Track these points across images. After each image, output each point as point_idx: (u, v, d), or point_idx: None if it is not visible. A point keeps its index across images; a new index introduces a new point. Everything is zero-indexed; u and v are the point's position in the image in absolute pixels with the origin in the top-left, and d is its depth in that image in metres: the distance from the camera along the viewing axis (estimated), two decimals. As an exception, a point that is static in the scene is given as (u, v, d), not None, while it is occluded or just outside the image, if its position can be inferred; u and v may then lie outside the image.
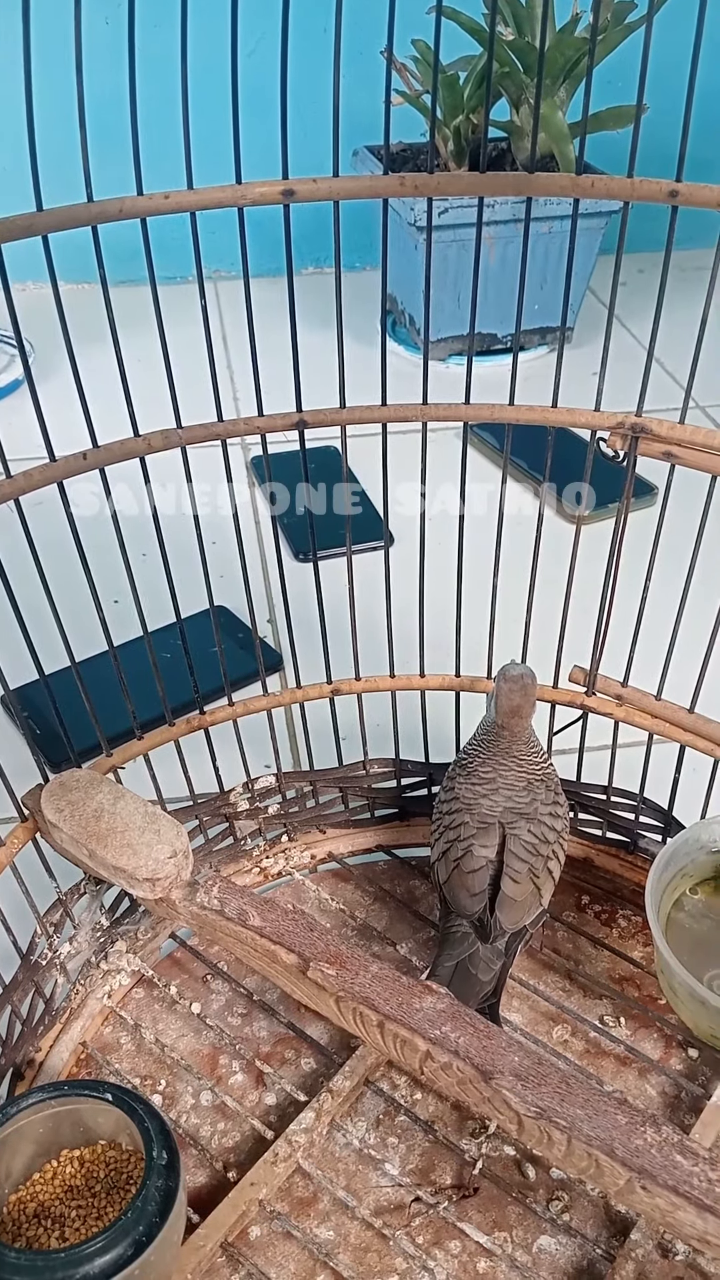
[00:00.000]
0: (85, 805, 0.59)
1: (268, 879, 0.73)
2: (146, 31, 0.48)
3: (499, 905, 0.59)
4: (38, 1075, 0.61)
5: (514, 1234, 0.54)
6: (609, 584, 0.63)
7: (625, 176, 0.52)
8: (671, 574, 0.60)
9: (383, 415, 0.60)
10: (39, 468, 0.54)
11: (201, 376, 0.56)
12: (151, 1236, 0.46)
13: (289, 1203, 0.56)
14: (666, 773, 0.67)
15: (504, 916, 0.59)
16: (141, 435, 0.57)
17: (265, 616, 0.97)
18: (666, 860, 0.63)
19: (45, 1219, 0.50)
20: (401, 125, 1.24)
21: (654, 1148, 0.46)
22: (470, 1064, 0.50)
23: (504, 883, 0.59)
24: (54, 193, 0.48)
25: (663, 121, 0.57)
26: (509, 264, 1.30)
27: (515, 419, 0.60)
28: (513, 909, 0.59)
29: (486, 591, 0.65)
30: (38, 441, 0.54)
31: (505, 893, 0.59)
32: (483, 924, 0.59)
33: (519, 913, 0.60)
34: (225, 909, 0.57)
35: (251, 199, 0.52)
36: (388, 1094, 0.60)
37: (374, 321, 1.38)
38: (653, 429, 0.58)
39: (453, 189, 0.55)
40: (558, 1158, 0.48)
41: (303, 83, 0.55)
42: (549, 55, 1.20)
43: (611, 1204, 0.55)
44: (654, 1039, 0.63)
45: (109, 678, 0.61)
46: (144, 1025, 0.63)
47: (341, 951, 0.55)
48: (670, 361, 1.22)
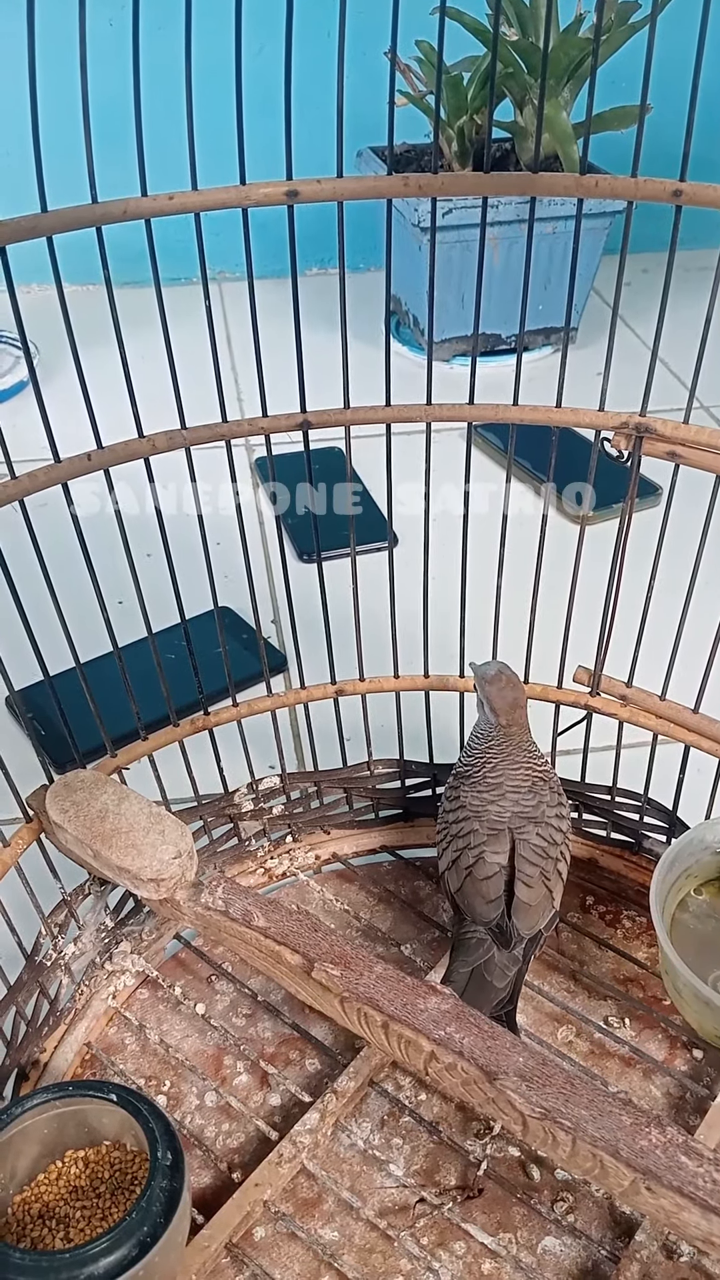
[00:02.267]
0: (90, 806, 0.59)
1: (272, 880, 0.73)
2: (150, 33, 0.48)
3: (515, 912, 0.59)
4: (42, 1076, 0.61)
5: (519, 1235, 0.54)
6: (613, 584, 0.63)
7: (629, 176, 0.52)
8: (676, 574, 0.60)
9: (387, 416, 0.60)
10: (43, 469, 0.54)
11: (206, 378, 0.56)
12: (156, 1237, 0.46)
13: (293, 1203, 0.56)
14: (671, 773, 0.67)
15: (520, 922, 0.58)
16: (146, 436, 0.57)
17: (269, 617, 0.97)
18: (671, 861, 0.63)
19: (50, 1219, 0.50)
20: (405, 126, 1.24)
21: (659, 1148, 0.46)
22: (475, 1065, 0.50)
23: (518, 888, 0.59)
24: (58, 194, 0.48)
25: (667, 122, 0.57)
26: (513, 264, 1.30)
27: (519, 419, 0.60)
28: (528, 914, 0.59)
29: (491, 592, 0.65)
30: (43, 443, 0.54)
31: (520, 898, 0.59)
32: (501, 930, 0.59)
33: (534, 917, 0.59)
34: (230, 909, 0.57)
35: (256, 200, 0.52)
36: (392, 1095, 0.60)
37: (378, 322, 1.38)
38: (657, 429, 0.58)
39: (456, 189, 0.55)
40: (562, 1159, 0.48)
41: (307, 84, 0.55)
42: (553, 55, 1.20)
43: (616, 1205, 0.55)
44: (659, 1040, 0.63)
45: (113, 679, 0.61)
46: (148, 1026, 0.63)
47: (346, 952, 0.55)
48: (675, 362, 1.22)
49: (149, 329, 0.53)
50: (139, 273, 0.52)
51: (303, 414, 0.60)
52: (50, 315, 0.51)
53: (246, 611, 0.88)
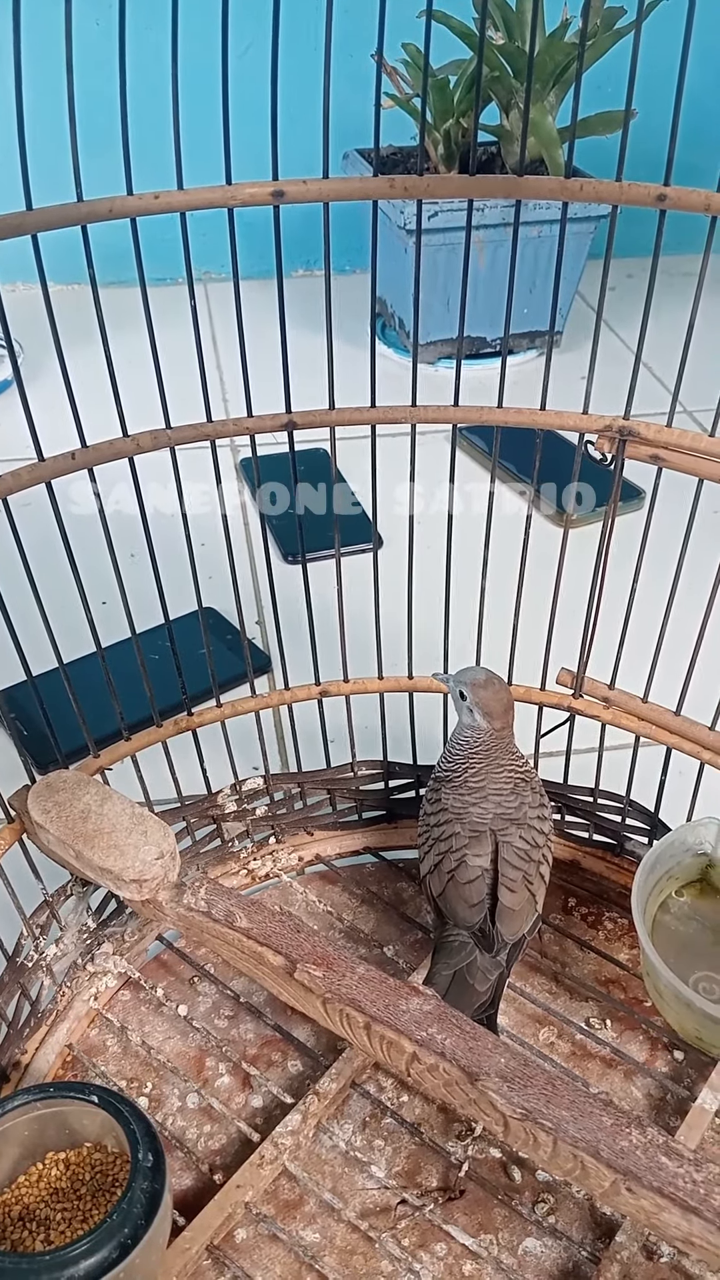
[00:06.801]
0: (72, 806, 0.59)
1: (255, 881, 0.72)
2: (137, 33, 0.48)
3: (499, 917, 0.58)
4: (23, 1078, 0.60)
5: (499, 1236, 0.54)
6: (596, 586, 0.64)
7: (614, 180, 0.52)
8: (658, 577, 0.61)
9: (372, 417, 0.60)
10: (27, 467, 0.54)
11: (191, 378, 0.56)
12: (137, 1239, 0.45)
13: (275, 1205, 0.55)
14: (653, 775, 0.67)
15: (504, 927, 0.58)
16: (130, 436, 0.57)
17: (254, 618, 0.97)
18: (653, 863, 0.63)
19: (30, 1222, 0.50)
20: (391, 129, 1.23)
21: (639, 1149, 0.46)
22: (456, 1065, 0.50)
23: (501, 893, 0.59)
24: (43, 192, 0.48)
25: (651, 126, 0.58)
26: (498, 268, 1.30)
27: (504, 421, 0.60)
28: (512, 919, 0.59)
29: (475, 594, 0.65)
30: (26, 442, 0.53)
31: (504, 903, 0.59)
32: (484, 934, 0.58)
33: (518, 922, 0.59)
34: (212, 910, 0.57)
35: (241, 200, 0.52)
36: (374, 1096, 0.60)
37: (363, 324, 1.38)
38: (640, 432, 0.58)
39: (442, 191, 0.55)
40: (543, 1159, 0.48)
41: (293, 85, 0.54)
42: (539, 60, 1.20)
43: (597, 1206, 0.55)
44: (640, 1041, 0.63)
45: (96, 679, 0.61)
46: (130, 1028, 0.63)
47: (328, 953, 0.55)
48: (658, 366, 1.23)
49: (134, 329, 0.53)
50: (124, 272, 0.52)
51: (288, 415, 0.60)
52: (35, 314, 0.51)
53: (231, 612, 0.87)
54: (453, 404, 0.60)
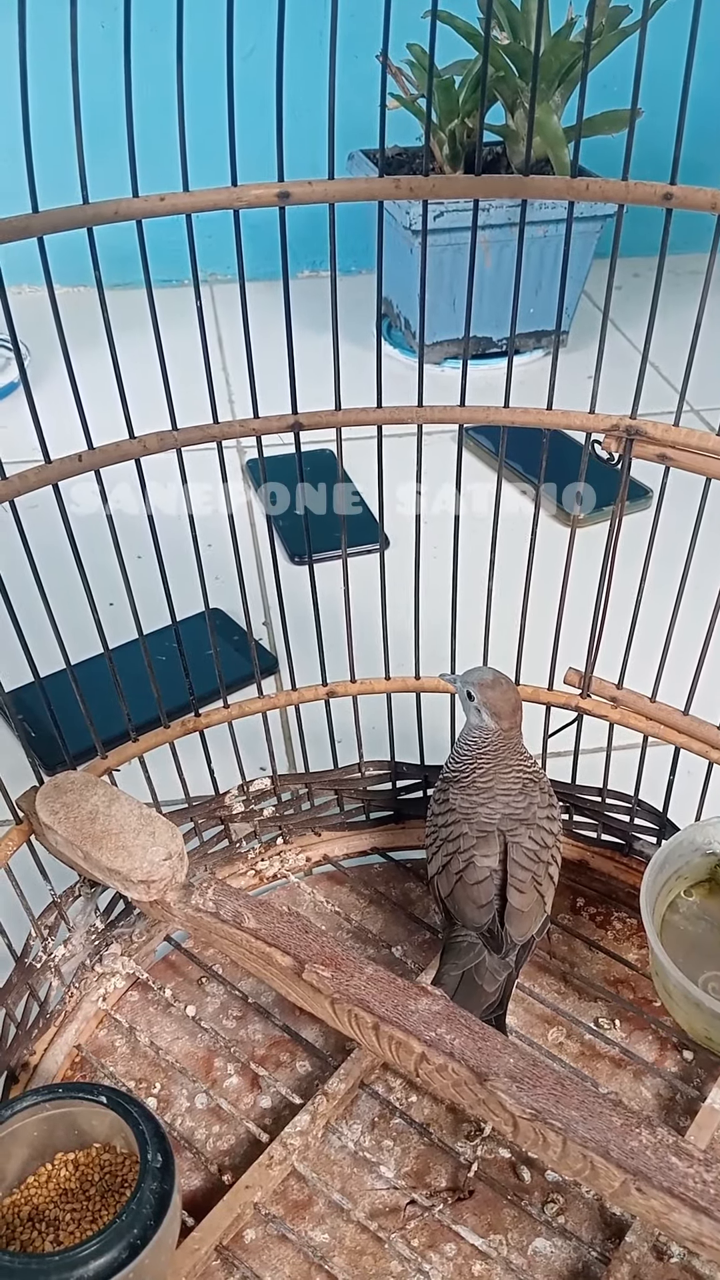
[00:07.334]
0: (80, 807, 0.59)
1: (263, 882, 0.73)
2: (143, 35, 0.48)
3: (507, 918, 0.58)
4: (32, 1078, 0.61)
5: (509, 1236, 0.54)
6: (604, 586, 0.63)
7: (620, 180, 0.52)
8: (666, 576, 0.60)
9: (378, 417, 0.60)
10: (34, 469, 0.54)
11: (197, 379, 0.57)
12: (146, 1240, 0.45)
13: (284, 1206, 0.55)
14: (661, 775, 0.67)
15: (513, 929, 0.58)
16: (137, 437, 0.57)
17: (261, 619, 0.97)
18: (661, 862, 0.63)
19: (40, 1222, 0.50)
20: (397, 129, 1.24)
21: (649, 1149, 0.46)
22: (465, 1066, 0.50)
23: (510, 894, 0.59)
24: (50, 195, 0.48)
25: (657, 126, 0.58)
26: (504, 268, 1.30)
27: (510, 421, 0.60)
28: (521, 920, 0.58)
29: (482, 594, 0.65)
30: (33, 444, 0.54)
31: (513, 904, 0.58)
32: (493, 935, 0.58)
33: (527, 923, 0.59)
34: (220, 911, 0.57)
35: (247, 201, 0.53)
36: (383, 1096, 0.60)
37: (369, 325, 1.38)
38: (647, 431, 0.58)
39: (448, 192, 0.55)
40: (553, 1160, 0.48)
41: (298, 86, 0.55)
42: (544, 59, 1.20)
43: (606, 1206, 0.55)
44: (649, 1041, 0.63)
45: (104, 680, 0.61)
46: (139, 1028, 0.63)
47: (337, 954, 0.55)
48: (665, 365, 1.23)
49: (140, 330, 0.53)
50: (130, 274, 0.52)
51: (294, 415, 0.60)
52: (42, 316, 0.51)
53: (238, 613, 0.88)
54: (459, 404, 0.60)
